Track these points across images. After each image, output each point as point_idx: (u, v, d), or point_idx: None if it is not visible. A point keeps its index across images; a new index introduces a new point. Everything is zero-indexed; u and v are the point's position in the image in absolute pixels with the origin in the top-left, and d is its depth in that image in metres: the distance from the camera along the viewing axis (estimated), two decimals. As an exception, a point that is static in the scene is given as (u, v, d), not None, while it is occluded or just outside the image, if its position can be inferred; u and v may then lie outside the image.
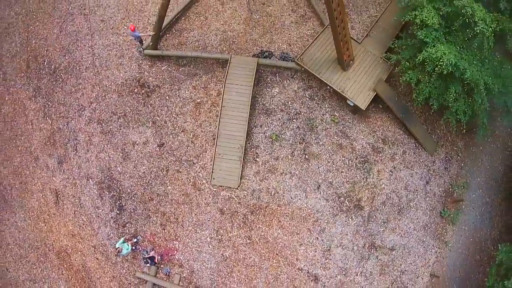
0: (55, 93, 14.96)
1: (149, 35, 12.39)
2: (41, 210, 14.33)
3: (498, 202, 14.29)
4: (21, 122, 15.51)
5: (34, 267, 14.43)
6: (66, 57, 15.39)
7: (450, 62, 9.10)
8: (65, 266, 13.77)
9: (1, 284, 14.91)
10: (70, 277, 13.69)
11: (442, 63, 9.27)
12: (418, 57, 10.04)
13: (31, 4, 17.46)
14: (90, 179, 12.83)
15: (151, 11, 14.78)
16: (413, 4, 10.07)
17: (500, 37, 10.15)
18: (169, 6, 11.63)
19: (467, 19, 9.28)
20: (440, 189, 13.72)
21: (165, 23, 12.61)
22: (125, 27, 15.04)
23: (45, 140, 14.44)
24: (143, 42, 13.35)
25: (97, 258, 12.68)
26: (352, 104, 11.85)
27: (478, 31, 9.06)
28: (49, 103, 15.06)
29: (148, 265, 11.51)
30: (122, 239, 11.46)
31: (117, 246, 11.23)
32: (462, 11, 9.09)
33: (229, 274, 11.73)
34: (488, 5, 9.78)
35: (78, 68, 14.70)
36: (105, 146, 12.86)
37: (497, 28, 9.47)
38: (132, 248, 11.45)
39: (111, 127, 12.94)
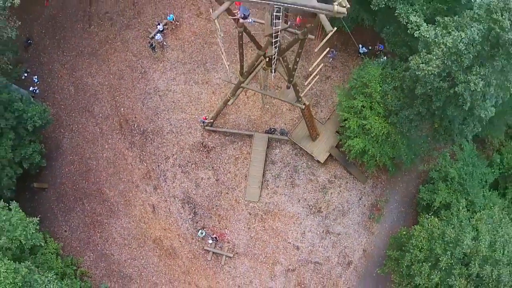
0: (146, 146, 34.21)
1: (210, 120, 32.35)
2: (142, 216, 33.52)
3: (410, 212, 34.91)
4: (122, 163, 34.63)
5: (135, 250, 33.64)
6: (151, 124, 34.67)
7: (360, 147, 29.30)
8: (158, 247, 33.06)
9: (105, 264, 34.16)
10: (161, 253, 33.00)
11: (356, 147, 29.56)
12: (347, 142, 30.29)
13: (112, 79, 36.66)
14: (176, 198, 32.54)
15: (205, 99, 34.24)
16: (344, 117, 30.33)
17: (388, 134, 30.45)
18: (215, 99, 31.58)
19: (369, 127, 29.60)
20: (369, 202, 34.30)
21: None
22: (188, 107, 34.53)
23: (143, 175, 33.76)
24: (205, 122, 33.12)
25: (180, 241, 32.37)
26: (317, 159, 32.67)
27: (373, 134, 29.35)
28: (142, 153, 34.28)
29: (213, 241, 31.28)
30: (200, 230, 31.53)
31: (198, 234, 31.38)
32: (365, 126, 29.30)
33: (253, 246, 31.38)
34: (384, 117, 30.07)
35: (161, 132, 34.19)
36: (185, 179, 32.51)
37: (386, 130, 29.68)
38: (204, 234, 31.22)
39: (187, 169, 32.56)
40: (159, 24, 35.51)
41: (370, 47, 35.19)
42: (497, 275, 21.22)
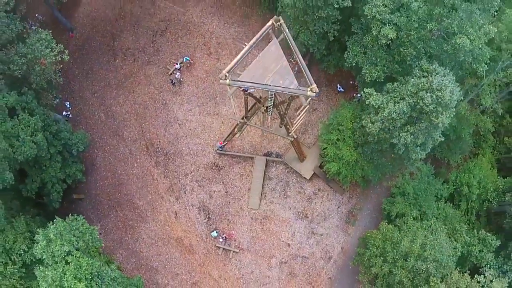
0: (169, 165, 44.00)
1: (223, 144, 41.93)
2: (166, 221, 43.55)
3: (379, 218, 45.05)
4: (149, 179, 44.47)
5: (160, 248, 43.70)
6: (172, 147, 44.42)
7: (336, 169, 39.17)
8: (179, 245, 43.12)
9: (135, 260, 44.27)
10: (182, 249, 43.11)
11: (332, 169, 39.35)
12: (326, 165, 40.16)
13: (138, 108, 46.28)
14: (193, 206, 42.61)
15: (216, 127, 43.94)
16: (324, 146, 40.08)
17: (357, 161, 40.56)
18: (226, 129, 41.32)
19: (342, 155, 39.51)
20: (346, 210, 44.43)
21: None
22: (202, 134, 44.06)
23: (167, 188, 43.64)
24: (218, 145, 42.91)
25: (197, 240, 42.41)
26: (304, 176, 42.45)
27: (345, 160, 39.19)
28: (166, 170, 44.09)
29: (223, 240, 41.41)
30: (213, 231, 41.61)
31: (211, 234, 41.58)
32: (339, 154, 39.19)
33: (254, 243, 41.90)
34: (354, 147, 39.85)
35: (181, 154, 43.94)
36: (201, 192, 42.58)
37: (355, 158, 39.35)
38: (216, 234, 41.66)
39: (203, 183, 42.66)
40: (176, 64, 44.97)
41: (351, 82, 44.78)
42: (426, 268, 31.26)
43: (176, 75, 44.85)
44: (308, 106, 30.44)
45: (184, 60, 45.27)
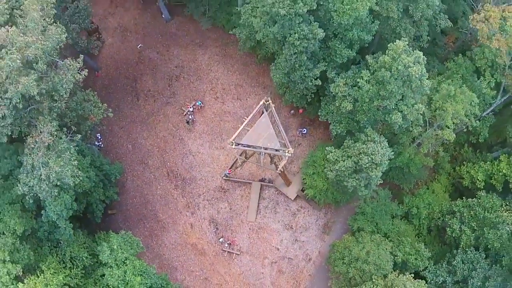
0: (186, 187, 62.52)
1: (229, 171, 60.55)
2: (184, 231, 62.34)
3: (348, 229, 64.56)
4: (170, 198, 63.14)
5: (179, 251, 62.34)
6: (189, 174, 62.88)
7: (312, 194, 57.43)
8: (194, 249, 61.86)
9: (159, 261, 63.42)
10: (196, 252, 61.96)
11: (310, 194, 58.13)
12: (305, 191, 59.08)
13: (159, 142, 64.77)
14: (205, 219, 61.26)
15: (222, 159, 62.26)
16: (304, 177, 58.86)
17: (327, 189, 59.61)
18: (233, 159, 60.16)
19: (316, 184, 58.41)
20: (322, 222, 63.26)
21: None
22: (211, 164, 62.71)
23: (184, 205, 62.23)
24: (225, 173, 61.61)
25: (208, 245, 61.11)
26: (290, 197, 61.35)
27: (318, 188, 58.21)
28: (183, 191, 62.66)
29: (227, 245, 60.32)
30: (220, 238, 60.72)
31: (219, 241, 60.69)
32: (314, 183, 58.02)
33: (252, 247, 60.86)
34: (325, 179, 58.84)
35: (195, 179, 62.39)
36: (211, 208, 61.18)
37: (326, 187, 58.12)
38: (223, 241, 60.95)
39: (212, 202, 61.26)
40: (190, 107, 63.07)
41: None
42: (369, 269, 50.15)
43: (190, 116, 63.06)
44: (286, 159, 49.13)
45: (197, 104, 63.38)
